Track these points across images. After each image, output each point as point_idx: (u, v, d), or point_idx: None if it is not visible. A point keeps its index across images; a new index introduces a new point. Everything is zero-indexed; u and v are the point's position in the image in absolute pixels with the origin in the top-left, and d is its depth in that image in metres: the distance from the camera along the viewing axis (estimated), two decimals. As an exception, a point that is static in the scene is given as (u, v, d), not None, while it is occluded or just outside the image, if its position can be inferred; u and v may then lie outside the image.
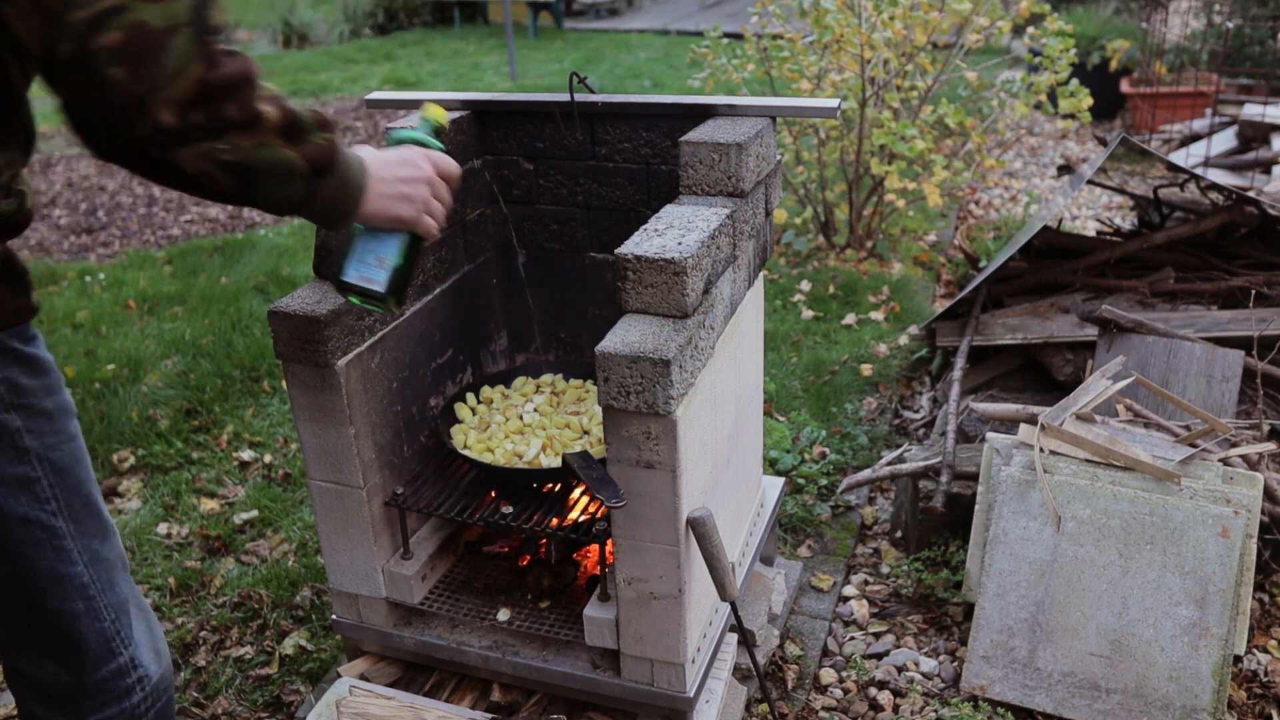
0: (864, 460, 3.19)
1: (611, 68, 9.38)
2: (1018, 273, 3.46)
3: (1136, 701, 2.16)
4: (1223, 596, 2.15)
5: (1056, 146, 6.93)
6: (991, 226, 5.10)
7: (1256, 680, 2.31)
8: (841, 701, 2.32)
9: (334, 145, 1.30)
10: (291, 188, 1.26)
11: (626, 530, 1.78)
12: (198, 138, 1.15)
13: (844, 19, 4.22)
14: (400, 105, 2.30)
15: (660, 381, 1.60)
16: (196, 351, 3.97)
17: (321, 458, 1.94)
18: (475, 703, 2.10)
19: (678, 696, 1.90)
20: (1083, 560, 2.23)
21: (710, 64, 4.86)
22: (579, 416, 2.17)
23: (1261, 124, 5.09)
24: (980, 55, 7.57)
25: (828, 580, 2.67)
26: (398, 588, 2.06)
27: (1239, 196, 3.33)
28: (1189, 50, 6.62)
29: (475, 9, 12.79)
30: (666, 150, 2.14)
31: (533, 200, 2.30)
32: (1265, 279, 3.09)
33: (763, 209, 2.06)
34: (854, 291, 4.42)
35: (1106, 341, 2.82)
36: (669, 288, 1.66)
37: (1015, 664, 2.24)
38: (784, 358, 3.85)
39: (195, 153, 1.16)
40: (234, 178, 1.20)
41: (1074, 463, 2.31)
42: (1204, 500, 2.19)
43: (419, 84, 8.81)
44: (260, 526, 3.01)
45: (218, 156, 1.17)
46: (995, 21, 4.55)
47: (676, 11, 13.24)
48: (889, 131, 4.20)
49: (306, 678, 2.41)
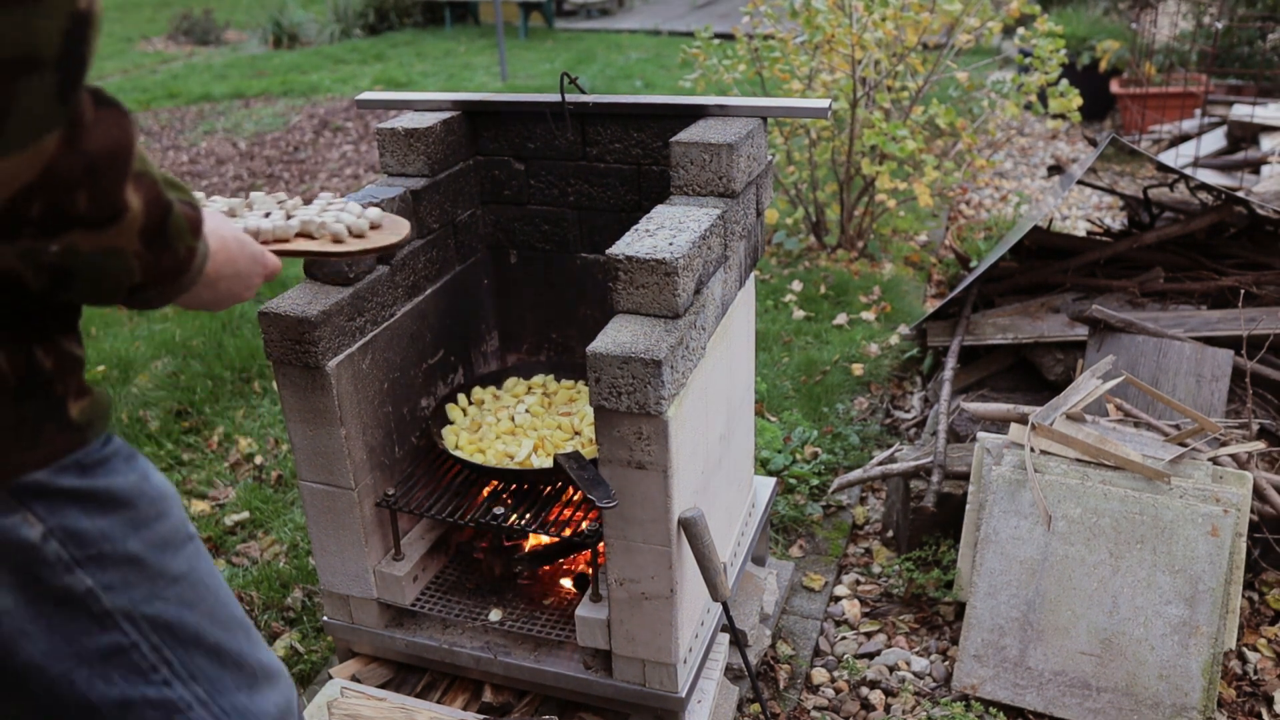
0: (855, 460, 3.20)
1: (603, 68, 9.38)
2: (1008, 273, 3.47)
3: (1127, 700, 2.17)
4: (1212, 595, 2.16)
5: (1047, 147, 6.95)
6: (982, 226, 5.11)
7: (1246, 678, 2.32)
8: (833, 701, 2.32)
9: (194, 253, 0.97)
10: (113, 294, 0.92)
11: (618, 530, 1.78)
12: (25, 234, 0.80)
13: (835, 19, 4.23)
14: (391, 105, 2.30)
15: (651, 382, 1.60)
16: (187, 352, 3.96)
17: (312, 459, 1.93)
18: (467, 704, 2.10)
19: (670, 697, 1.90)
20: (1073, 559, 2.24)
21: (701, 64, 4.86)
22: (570, 417, 2.17)
23: (1250, 124, 5.11)
24: (971, 56, 7.58)
25: (819, 580, 2.67)
26: (389, 589, 2.06)
27: (1228, 196, 3.35)
28: (1178, 51, 6.64)
29: (466, 9, 12.78)
30: (658, 151, 2.14)
31: (524, 201, 2.30)
32: (1254, 279, 3.10)
33: (754, 209, 2.06)
34: (845, 291, 4.42)
35: (1097, 341, 2.83)
36: (660, 288, 1.66)
37: (1006, 663, 2.25)
38: (775, 358, 3.85)
39: (13, 251, 0.81)
40: (45, 280, 0.85)
41: (1064, 462, 2.31)
42: (1194, 499, 2.20)
43: (410, 84, 8.79)
44: (251, 528, 3.00)
45: (40, 258, 0.82)
46: (986, 22, 4.56)
47: (668, 12, 13.24)
48: (880, 132, 4.21)
49: (298, 679, 2.40)
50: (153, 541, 0.99)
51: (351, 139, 7.36)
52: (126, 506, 0.97)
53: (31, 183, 0.76)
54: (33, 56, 0.71)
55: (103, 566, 0.95)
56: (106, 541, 0.95)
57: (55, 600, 0.93)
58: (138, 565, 0.97)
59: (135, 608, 0.97)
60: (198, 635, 1.02)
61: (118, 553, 0.95)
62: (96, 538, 0.94)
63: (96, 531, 0.94)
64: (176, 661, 1.00)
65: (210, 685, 1.02)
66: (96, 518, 0.94)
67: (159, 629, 0.99)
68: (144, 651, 0.98)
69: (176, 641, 1.00)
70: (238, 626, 1.07)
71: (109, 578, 0.95)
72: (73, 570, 0.92)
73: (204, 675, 1.02)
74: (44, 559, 0.91)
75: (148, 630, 0.98)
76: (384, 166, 2.15)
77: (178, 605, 1.00)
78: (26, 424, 0.89)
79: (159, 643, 0.99)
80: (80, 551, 0.93)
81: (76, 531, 0.92)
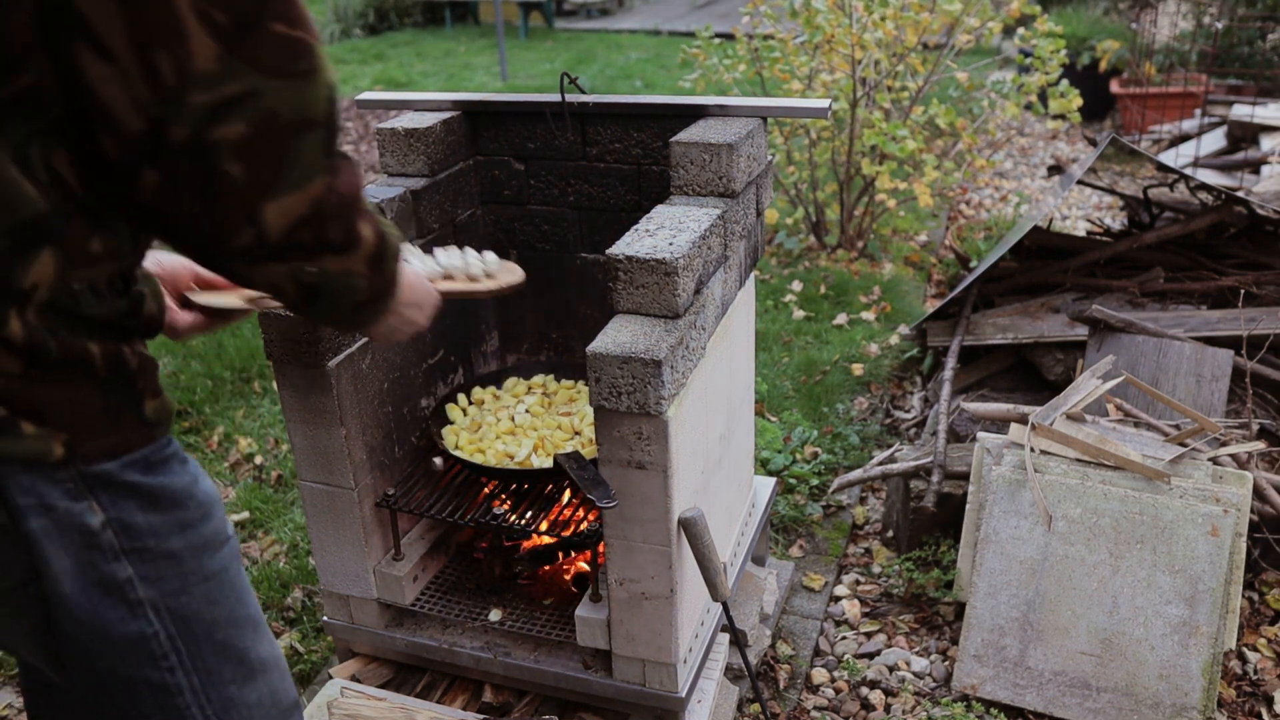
0: (855, 460, 3.20)
1: (603, 68, 9.38)
2: (1008, 272, 3.47)
3: (1127, 700, 2.17)
4: (1212, 595, 2.16)
5: (1047, 147, 6.95)
6: (982, 226, 5.11)
7: (1246, 678, 2.32)
8: (833, 701, 2.32)
9: (395, 278, 1.18)
10: (342, 310, 1.14)
11: (618, 530, 1.78)
12: (294, 256, 1.01)
13: (835, 19, 4.23)
14: (391, 105, 2.30)
15: (652, 382, 1.60)
16: (187, 353, 3.96)
17: (313, 459, 1.93)
18: (467, 704, 2.10)
19: (670, 697, 1.90)
20: (1073, 559, 2.24)
21: (701, 64, 4.86)
22: (570, 417, 2.17)
23: (1250, 124, 5.11)
24: (971, 56, 7.58)
25: (819, 580, 2.67)
26: (389, 589, 2.06)
27: (1228, 196, 3.35)
28: (1178, 51, 6.64)
29: (466, 9, 12.78)
30: (658, 151, 2.14)
31: (524, 201, 2.30)
32: (1254, 279, 3.10)
33: (754, 209, 2.06)
34: (845, 291, 4.42)
35: (1097, 341, 2.83)
36: (660, 288, 1.66)
37: (1006, 663, 2.25)
38: (775, 358, 3.85)
39: (284, 270, 1.02)
40: (301, 294, 1.06)
41: (1064, 462, 2.31)
42: (1194, 499, 2.20)
43: (410, 84, 8.79)
44: (251, 528, 3.00)
45: (301, 277, 1.03)
46: (986, 22, 4.56)
47: (668, 12, 13.24)
48: (880, 132, 4.21)
49: (298, 679, 2.40)
50: (194, 542, 1.07)
51: (351, 139, 7.37)
52: (178, 507, 1.05)
53: (303, 215, 0.97)
54: (310, 119, 0.93)
55: (144, 559, 1.03)
56: (153, 537, 1.03)
57: (97, 582, 1.01)
58: (176, 561, 1.05)
59: (163, 600, 1.05)
60: (211, 631, 1.10)
61: (160, 549, 1.04)
62: (145, 532, 1.02)
63: (147, 526, 1.02)
64: (185, 652, 1.08)
65: (207, 677, 1.10)
66: (150, 514, 1.03)
67: (179, 620, 1.06)
68: (161, 640, 1.06)
69: (191, 634, 1.08)
70: (249, 623, 1.15)
71: (147, 570, 1.03)
72: (119, 559, 1.01)
73: (205, 667, 1.10)
74: (98, 545, 1.00)
75: (168, 621, 1.06)
76: (384, 166, 2.15)
77: (202, 601, 1.08)
78: (110, 410, 0.99)
79: (175, 633, 1.06)
80: (129, 543, 1.01)
81: (131, 524, 1.01)
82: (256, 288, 1.06)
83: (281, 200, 0.94)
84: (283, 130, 0.91)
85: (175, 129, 0.87)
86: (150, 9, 0.83)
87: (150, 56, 0.84)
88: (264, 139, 0.90)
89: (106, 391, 0.99)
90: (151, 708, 1.08)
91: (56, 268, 0.91)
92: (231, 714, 1.14)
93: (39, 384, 0.93)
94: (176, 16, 0.83)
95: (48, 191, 0.90)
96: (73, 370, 0.95)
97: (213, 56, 0.85)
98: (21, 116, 0.88)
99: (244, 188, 0.91)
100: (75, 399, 0.96)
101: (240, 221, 0.94)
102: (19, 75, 0.86)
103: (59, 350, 0.93)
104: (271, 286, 1.04)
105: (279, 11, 0.88)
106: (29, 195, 0.89)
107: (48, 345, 0.92)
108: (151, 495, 1.03)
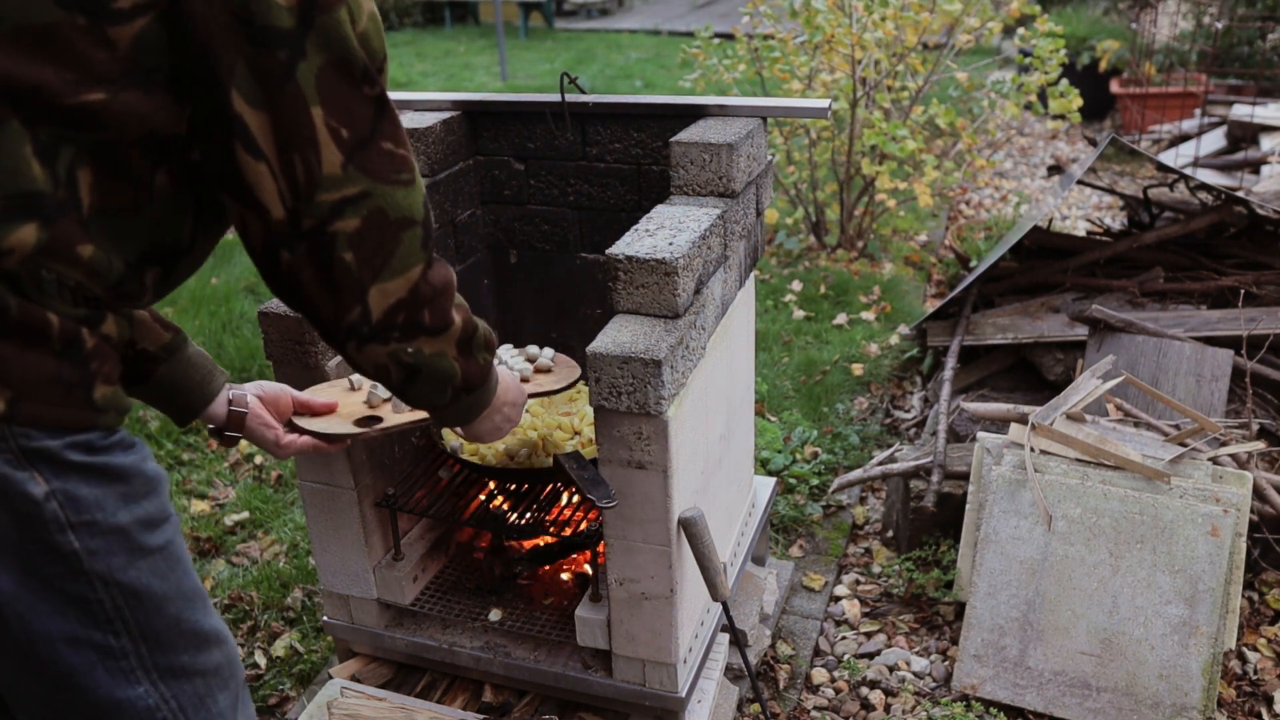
0: (855, 460, 3.20)
1: (602, 68, 9.38)
2: (1008, 272, 3.47)
3: (1127, 700, 2.17)
4: (1212, 595, 2.16)
5: (1047, 147, 6.95)
6: (982, 226, 5.11)
7: (1246, 678, 2.32)
8: (833, 701, 2.32)
9: (490, 367, 1.36)
10: (443, 395, 1.30)
11: (618, 530, 1.78)
12: (393, 338, 1.17)
13: (835, 19, 4.23)
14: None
15: (651, 382, 1.60)
16: (187, 352, 3.95)
17: (312, 459, 1.93)
18: (467, 703, 2.10)
19: (669, 696, 1.90)
20: (1073, 559, 2.24)
21: (701, 64, 4.86)
22: (570, 417, 2.17)
23: (1250, 124, 5.11)
24: (971, 56, 7.59)
25: (819, 580, 2.67)
26: (389, 589, 2.06)
27: (1228, 196, 3.35)
28: (1178, 51, 6.64)
29: (466, 9, 12.78)
30: (657, 150, 2.14)
31: (524, 200, 2.30)
32: (1254, 278, 3.10)
33: (754, 209, 2.06)
34: (845, 291, 4.42)
35: (1097, 341, 2.83)
36: (660, 288, 1.66)
37: (1006, 663, 2.25)
38: (775, 358, 3.85)
39: (385, 350, 1.18)
40: (403, 376, 1.23)
41: (1064, 462, 2.31)
42: (1194, 499, 2.20)
43: (410, 84, 8.79)
44: (251, 528, 3.00)
45: (400, 358, 1.20)
46: (986, 22, 4.56)
47: (668, 12, 13.25)
48: (880, 132, 4.21)
49: (298, 679, 2.40)
50: (140, 517, 1.10)
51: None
52: (122, 481, 1.08)
53: (401, 298, 1.15)
54: (410, 218, 1.12)
55: (91, 533, 1.05)
56: (100, 510, 1.06)
57: (42, 551, 1.03)
58: (123, 536, 1.08)
59: (112, 573, 1.08)
60: (162, 604, 1.13)
61: (108, 523, 1.06)
62: (92, 505, 1.05)
63: (93, 499, 1.05)
64: (133, 621, 1.11)
65: (157, 645, 1.13)
66: (95, 487, 1.05)
67: (127, 594, 1.10)
68: (106, 609, 1.09)
69: (140, 606, 1.11)
70: (197, 597, 1.19)
71: (95, 544, 1.06)
72: (65, 531, 1.03)
73: (155, 637, 1.13)
74: (42, 516, 1.02)
75: (116, 594, 1.09)
76: (384, 166, 2.15)
77: (151, 575, 1.11)
78: (61, 382, 1.02)
79: (122, 604, 1.10)
80: (76, 516, 1.04)
81: (76, 497, 1.04)
82: (365, 372, 1.22)
83: (384, 284, 1.13)
84: (389, 225, 1.10)
85: (305, 220, 1.06)
86: (294, 122, 1.03)
87: (290, 159, 1.04)
88: (373, 231, 1.09)
89: (60, 362, 1.02)
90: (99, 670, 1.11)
91: (36, 244, 0.97)
92: (184, 683, 1.17)
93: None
94: (314, 129, 1.03)
95: (55, 184, 0.98)
96: (29, 334, 0.99)
97: (338, 164, 1.05)
98: (70, 123, 0.97)
99: (355, 271, 1.10)
100: (27, 361, 0.99)
101: (352, 300, 1.12)
102: (93, 93, 0.97)
103: (18, 311, 0.98)
104: (377, 369, 1.21)
105: (388, 133, 1.09)
106: (32, 174, 0.96)
107: (8, 303, 0.97)
108: (95, 470, 1.05)
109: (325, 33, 1.02)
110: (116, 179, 1.02)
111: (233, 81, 1.00)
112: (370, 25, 1.07)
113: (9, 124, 0.95)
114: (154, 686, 1.14)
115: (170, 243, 1.12)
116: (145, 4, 0.97)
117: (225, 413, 1.49)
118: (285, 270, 1.10)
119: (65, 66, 0.95)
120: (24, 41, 0.94)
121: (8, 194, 0.96)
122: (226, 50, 0.99)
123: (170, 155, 1.06)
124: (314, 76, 1.03)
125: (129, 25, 0.97)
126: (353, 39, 1.05)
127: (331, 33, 1.03)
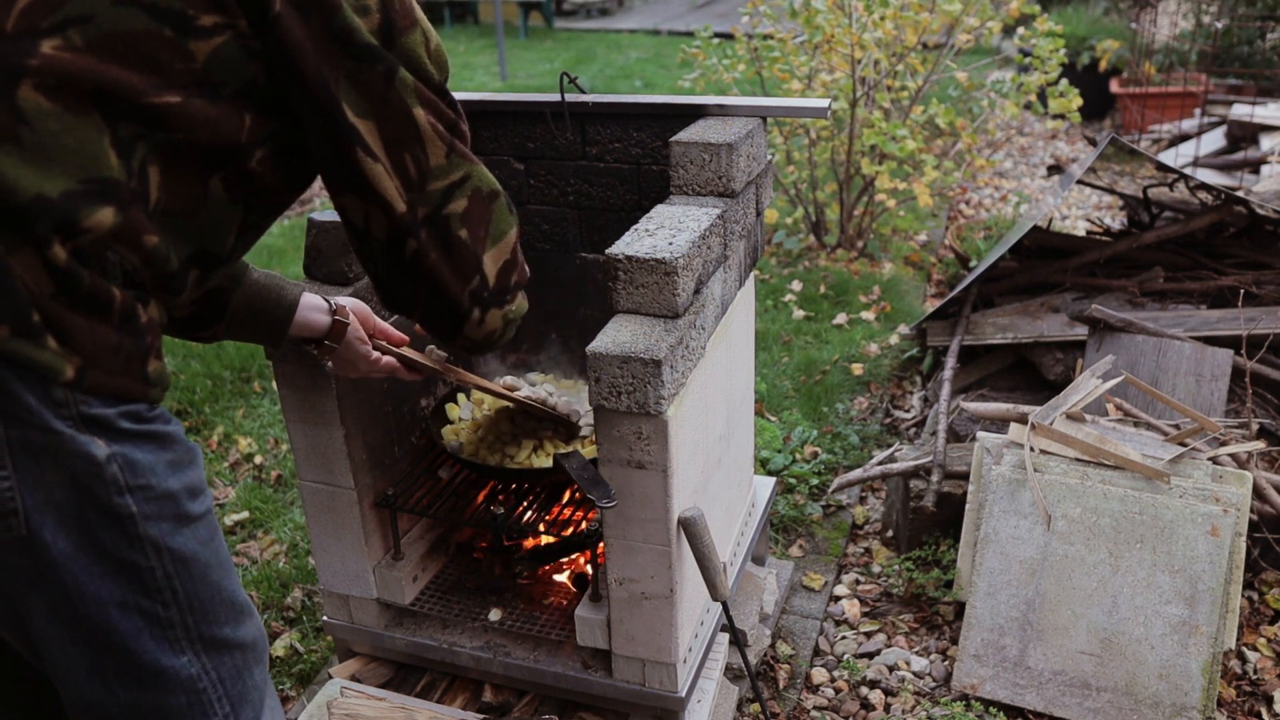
0: (855, 460, 3.20)
1: (602, 68, 9.38)
2: (1008, 272, 3.47)
3: (1127, 700, 2.17)
4: (1212, 595, 2.16)
5: (1046, 146, 6.95)
6: (982, 226, 5.11)
7: (1246, 678, 2.32)
8: (833, 701, 2.32)
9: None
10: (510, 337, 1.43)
11: (618, 530, 1.78)
12: (506, 300, 1.34)
13: (835, 19, 4.23)
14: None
15: (651, 382, 1.60)
16: (186, 352, 3.96)
17: (312, 458, 1.93)
18: (467, 703, 2.10)
19: (669, 696, 1.90)
20: (1073, 559, 2.24)
21: (701, 64, 4.86)
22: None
23: (1250, 124, 5.11)
24: (970, 55, 7.59)
25: (819, 580, 2.67)
26: (389, 588, 2.06)
27: (1228, 196, 3.35)
28: (1178, 50, 6.64)
29: (465, 9, 12.78)
30: (657, 150, 2.14)
31: (523, 200, 2.30)
32: (1254, 278, 3.10)
33: (753, 209, 2.06)
34: (845, 291, 4.42)
35: (1096, 341, 2.83)
36: (660, 288, 1.66)
37: (1006, 663, 2.25)
38: (775, 357, 3.85)
39: (502, 313, 1.34)
40: (509, 331, 1.38)
41: (1064, 462, 2.31)
42: (1193, 499, 2.20)
43: (410, 84, 8.77)
44: (251, 528, 3.00)
45: (508, 315, 1.36)
46: (985, 22, 4.56)
47: (667, 12, 13.24)
48: (880, 131, 4.21)
49: (297, 679, 2.40)
50: (185, 484, 1.15)
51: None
52: (170, 448, 1.14)
53: (509, 260, 1.33)
54: (496, 190, 1.31)
55: (146, 497, 1.10)
56: (154, 475, 1.11)
57: (101, 514, 1.08)
58: (172, 501, 1.13)
59: (162, 539, 1.12)
60: (206, 572, 1.18)
61: (160, 487, 1.12)
62: (146, 470, 1.10)
63: (147, 464, 1.10)
64: (181, 591, 1.15)
65: (202, 616, 1.18)
66: (148, 453, 1.11)
67: (176, 560, 1.14)
68: (156, 576, 1.13)
69: (188, 573, 1.15)
70: (231, 568, 1.24)
71: (149, 508, 1.11)
72: (124, 494, 1.09)
73: (200, 607, 1.17)
74: (103, 477, 1.07)
75: (166, 560, 1.13)
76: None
77: (195, 543, 1.16)
78: (122, 351, 1.09)
79: (172, 572, 1.14)
80: (133, 479, 1.09)
81: (133, 460, 1.09)
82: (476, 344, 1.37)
83: (492, 251, 1.30)
84: (485, 200, 1.28)
85: (422, 208, 1.23)
86: (400, 125, 1.19)
87: (401, 158, 1.20)
88: (477, 207, 1.27)
89: (121, 334, 1.09)
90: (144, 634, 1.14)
91: (111, 226, 1.05)
92: (224, 655, 1.21)
93: (66, 308, 1.04)
94: (418, 128, 1.20)
95: (129, 175, 1.06)
96: (95, 305, 1.06)
97: (442, 154, 1.23)
98: (146, 121, 1.06)
99: (471, 245, 1.27)
100: (95, 330, 1.06)
101: (472, 271, 1.28)
102: (169, 95, 1.06)
103: (89, 284, 1.05)
104: (488, 335, 1.36)
105: (463, 126, 1.27)
106: (111, 163, 1.05)
107: (80, 276, 1.04)
108: (146, 436, 1.11)
109: (405, 52, 1.19)
110: (179, 180, 1.11)
111: (340, 94, 1.14)
112: (437, 46, 1.24)
113: (91, 117, 1.03)
114: (196, 657, 1.18)
115: (214, 251, 1.20)
116: (224, 24, 1.08)
117: (328, 322, 1.60)
118: (411, 256, 1.25)
119: (149, 71, 1.05)
120: (115, 46, 1.03)
121: (89, 177, 1.03)
122: (331, 68, 1.13)
123: (225, 164, 1.14)
124: (410, 84, 1.19)
125: (208, 41, 1.08)
126: (426, 56, 1.21)
127: (410, 52, 1.19)
